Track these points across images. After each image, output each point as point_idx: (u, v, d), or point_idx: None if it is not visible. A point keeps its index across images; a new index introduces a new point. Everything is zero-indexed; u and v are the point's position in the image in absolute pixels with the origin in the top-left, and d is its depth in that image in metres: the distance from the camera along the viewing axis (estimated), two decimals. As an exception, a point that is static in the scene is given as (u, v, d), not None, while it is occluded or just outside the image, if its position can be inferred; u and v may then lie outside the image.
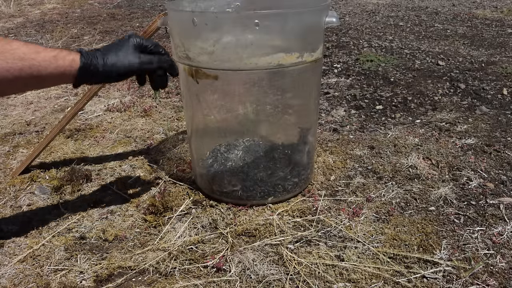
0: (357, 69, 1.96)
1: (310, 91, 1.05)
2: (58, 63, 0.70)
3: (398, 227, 0.96)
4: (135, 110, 1.58)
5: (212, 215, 1.01)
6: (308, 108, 1.08)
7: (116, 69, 0.77)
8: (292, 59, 0.93)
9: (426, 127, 1.42)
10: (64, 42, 2.42)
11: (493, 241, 0.91)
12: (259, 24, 0.86)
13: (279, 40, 0.93)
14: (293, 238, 0.93)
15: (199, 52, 0.93)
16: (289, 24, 0.92)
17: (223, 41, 0.91)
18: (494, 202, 1.03)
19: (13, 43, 0.67)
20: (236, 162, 1.08)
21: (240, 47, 0.90)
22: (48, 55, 0.69)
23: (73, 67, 0.72)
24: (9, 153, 1.31)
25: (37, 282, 0.83)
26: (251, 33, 0.88)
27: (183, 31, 0.95)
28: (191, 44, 0.94)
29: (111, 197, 1.10)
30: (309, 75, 1.00)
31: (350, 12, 3.11)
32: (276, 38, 0.93)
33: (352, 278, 0.82)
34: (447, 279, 0.82)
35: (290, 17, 0.91)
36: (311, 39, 0.96)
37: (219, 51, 0.91)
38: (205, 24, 0.89)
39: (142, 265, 0.87)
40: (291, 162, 1.08)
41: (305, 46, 0.94)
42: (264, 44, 0.91)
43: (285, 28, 0.92)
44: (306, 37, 0.95)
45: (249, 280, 0.83)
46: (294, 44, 0.93)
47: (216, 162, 1.09)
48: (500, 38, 2.44)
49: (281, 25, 0.91)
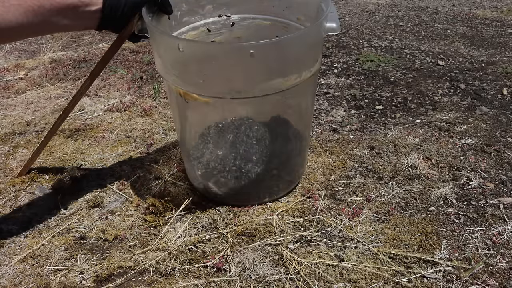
0: (357, 69, 1.96)
1: (306, 98, 1.02)
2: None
3: (398, 227, 0.96)
4: (135, 110, 1.58)
5: (212, 215, 1.01)
6: (303, 112, 1.05)
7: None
8: (291, 82, 0.87)
9: (426, 127, 1.42)
10: (64, 42, 2.42)
11: (493, 241, 0.91)
12: (254, 54, 0.79)
13: (277, 66, 0.86)
14: (293, 238, 0.93)
15: (189, 77, 0.87)
16: (287, 49, 0.85)
17: (215, 71, 0.84)
18: (494, 202, 1.03)
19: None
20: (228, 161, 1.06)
21: (235, 77, 0.85)
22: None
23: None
24: (9, 153, 1.31)
25: (37, 282, 0.83)
26: (245, 62, 0.83)
27: (169, 53, 0.87)
28: (179, 68, 0.87)
29: (111, 197, 1.10)
30: (306, 86, 0.96)
31: (350, 12, 3.11)
32: (273, 65, 0.86)
33: (352, 278, 0.82)
34: (447, 279, 0.82)
35: (288, 43, 0.84)
36: (310, 56, 0.91)
37: (209, 80, 0.84)
38: (193, 54, 0.84)
39: (142, 265, 0.87)
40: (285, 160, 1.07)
41: (304, 65, 0.88)
42: (260, 72, 0.86)
43: (283, 54, 0.85)
44: (305, 57, 0.90)
45: (249, 280, 0.83)
46: (292, 67, 0.87)
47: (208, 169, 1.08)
48: (500, 38, 2.44)
49: (279, 52, 0.85)
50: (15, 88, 1.78)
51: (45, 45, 2.30)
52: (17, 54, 2.27)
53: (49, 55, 2.15)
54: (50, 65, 2.00)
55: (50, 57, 2.12)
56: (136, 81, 1.82)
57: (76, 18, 0.71)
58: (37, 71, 1.93)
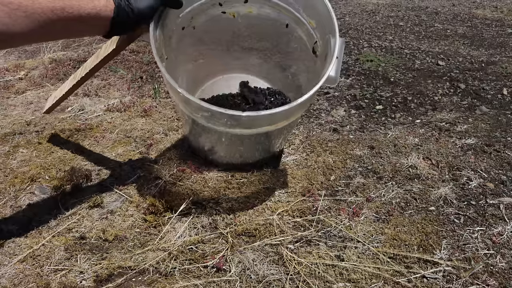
0: (357, 69, 1.96)
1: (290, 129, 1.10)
2: (94, 3, 0.69)
3: (398, 227, 0.96)
4: (135, 110, 1.58)
5: (212, 215, 1.01)
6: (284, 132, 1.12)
7: (146, 2, 0.77)
8: (278, 126, 0.97)
9: (426, 127, 1.42)
10: (64, 42, 2.42)
11: (493, 241, 0.91)
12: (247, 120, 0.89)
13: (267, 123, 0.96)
14: (293, 238, 0.93)
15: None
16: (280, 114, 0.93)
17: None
18: (494, 202, 1.03)
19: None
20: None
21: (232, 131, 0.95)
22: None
23: (108, 6, 0.71)
24: (9, 153, 1.31)
25: (37, 282, 0.83)
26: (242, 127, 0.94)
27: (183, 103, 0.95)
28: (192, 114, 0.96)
29: (111, 197, 1.10)
30: (293, 123, 1.05)
31: (350, 12, 3.11)
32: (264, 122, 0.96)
33: (352, 278, 0.82)
34: (447, 279, 0.82)
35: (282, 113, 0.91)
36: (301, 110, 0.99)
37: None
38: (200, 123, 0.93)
39: (142, 265, 0.87)
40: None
41: (293, 115, 0.98)
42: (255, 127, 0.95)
43: (275, 117, 0.94)
44: (296, 112, 0.97)
45: (249, 280, 0.83)
46: (282, 118, 0.96)
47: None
48: (500, 38, 2.44)
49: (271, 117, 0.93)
50: (15, 88, 1.78)
51: (45, 45, 2.30)
52: (17, 54, 2.27)
53: (49, 55, 2.15)
54: (50, 65, 2.00)
55: (50, 57, 2.12)
56: (136, 81, 1.82)
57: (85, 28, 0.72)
58: (37, 71, 1.93)
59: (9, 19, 0.58)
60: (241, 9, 1.06)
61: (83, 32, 0.75)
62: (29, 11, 0.60)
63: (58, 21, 0.64)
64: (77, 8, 0.66)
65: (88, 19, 0.69)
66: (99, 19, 0.71)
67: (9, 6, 0.57)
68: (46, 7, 0.62)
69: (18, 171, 1.20)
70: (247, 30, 1.09)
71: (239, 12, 1.07)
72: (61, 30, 0.68)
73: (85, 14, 0.68)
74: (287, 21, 1.06)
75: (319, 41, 1.03)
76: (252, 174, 1.16)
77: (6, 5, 0.57)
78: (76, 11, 0.66)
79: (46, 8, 0.62)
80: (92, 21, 0.70)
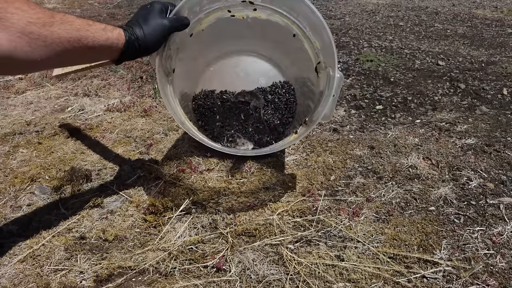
0: (357, 69, 1.96)
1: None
2: (108, 35, 0.74)
3: (398, 227, 0.96)
4: (135, 110, 1.58)
5: (212, 215, 1.01)
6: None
7: (153, 37, 0.83)
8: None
9: (426, 127, 1.42)
10: (64, 42, 2.42)
11: (493, 241, 0.91)
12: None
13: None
14: (293, 238, 0.93)
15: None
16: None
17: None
18: (494, 202, 1.03)
19: (68, 15, 0.69)
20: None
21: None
22: (98, 28, 0.72)
23: (119, 40, 0.76)
24: (9, 153, 1.31)
25: (37, 282, 0.83)
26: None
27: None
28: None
29: (111, 197, 1.10)
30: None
31: (350, 12, 3.11)
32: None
33: (352, 278, 0.82)
34: (447, 279, 0.82)
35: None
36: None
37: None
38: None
39: (142, 265, 0.87)
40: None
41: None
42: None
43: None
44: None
45: (249, 280, 0.83)
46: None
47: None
48: (500, 38, 2.44)
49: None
50: (15, 88, 1.78)
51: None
52: (17, 54, 2.27)
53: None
54: (50, 65, 2.00)
55: (50, 57, 2.12)
56: (136, 81, 1.82)
57: (97, 56, 0.78)
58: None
59: (29, 48, 0.61)
60: (250, 14, 1.08)
61: (95, 59, 0.81)
62: (48, 41, 0.63)
63: (73, 50, 0.68)
64: (92, 40, 0.70)
65: (101, 49, 0.74)
66: (111, 50, 0.76)
67: (29, 36, 0.61)
68: (63, 37, 0.65)
69: (18, 171, 1.20)
70: (257, 26, 1.10)
71: (248, 15, 1.08)
72: (75, 58, 0.72)
73: (98, 45, 0.72)
74: (294, 32, 1.07)
75: (323, 63, 1.04)
76: (252, 174, 1.16)
77: (27, 34, 0.60)
78: (91, 42, 0.70)
79: (64, 39, 0.66)
80: (104, 51, 0.75)
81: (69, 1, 3.96)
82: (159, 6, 0.87)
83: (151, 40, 0.83)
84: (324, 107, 0.97)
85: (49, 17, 0.64)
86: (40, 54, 0.63)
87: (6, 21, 0.59)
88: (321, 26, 0.97)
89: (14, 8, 0.60)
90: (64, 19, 0.67)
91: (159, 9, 0.87)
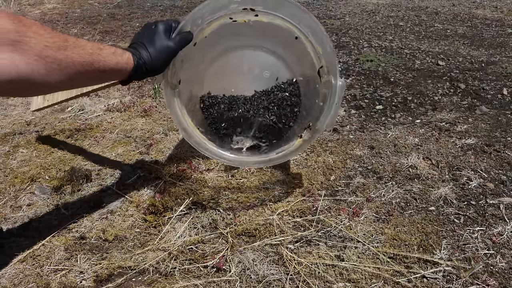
0: (357, 69, 1.96)
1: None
2: (118, 59, 0.77)
3: (398, 227, 0.96)
4: (135, 110, 1.58)
5: (212, 215, 1.01)
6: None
7: (160, 60, 0.86)
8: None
9: (426, 127, 1.42)
10: (64, 42, 2.42)
11: (493, 241, 0.91)
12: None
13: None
14: (293, 238, 0.93)
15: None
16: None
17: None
18: (494, 202, 1.03)
19: (80, 40, 0.72)
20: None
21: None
22: (109, 52, 0.76)
23: (128, 64, 0.80)
24: (9, 153, 1.31)
25: (37, 282, 0.83)
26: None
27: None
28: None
29: (111, 197, 1.10)
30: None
31: (350, 12, 3.11)
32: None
33: (352, 278, 0.82)
34: (447, 279, 0.82)
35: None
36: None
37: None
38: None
39: (142, 265, 0.87)
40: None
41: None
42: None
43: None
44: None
45: (249, 280, 0.83)
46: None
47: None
48: (500, 38, 2.44)
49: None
50: (15, 88, 1.78)
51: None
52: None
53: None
54: (50, 65, 1.99)
55: (50, 57, 2.12)
56: (136, 81, 1.82)
57: (106, 78, 0.82)
58: (37, 71, 1.93)
59: (45, 71, 0.65)
60: (252, 18, 1.09)
61: (104, 81, 0.85)
62: (63, 65, 0.67)
63: (85, 73, 0.72)
64: (103, 64, 0.74)
65: (111, 72, 0.77)
66: (120, 74, 0.80)
67: (46, 59, 0.64)
68: (77, 61, 0.69)
69: (18, 171, 1.20)
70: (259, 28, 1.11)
71: (250, 19, 1.09)
72: (86, 80, 0.76)
73: (108, 68, 0.76)
74: (296, 35, 1.08)
75: (325, 67, 1.04)
76: (252, 174, 1.16)
77: (43, 58, 0.64)
78: (102, 66, 0.74)
79: (77, 63, 0.69)
80: (113, 74, 0.79)
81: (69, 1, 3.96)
82: (163, 26, 0.89)
83: (158, 63, 0.86)
84: (327, 116, 0.98)
85: (63, 41, 0.67)
86: (55, 77, 0.67)
87: (24, 45, 0.61)
88: (322, 34, 0.98)
89: (32, 32, 0.62)
90: (76, 43, 0.70)
91: (164, 30, 0.89)
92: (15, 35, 0.60)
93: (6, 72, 0.60)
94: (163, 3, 3.76)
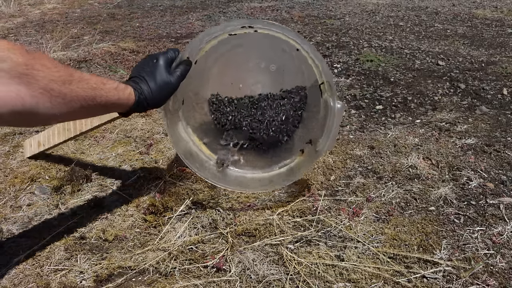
0: (357, 69, 1.96)
1: None
2: (119, 94, 0.79)
3: (398, 227, 0.96)
4: (135, 110, 1.58)
5: (212, 215, 1.01)
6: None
7: (160, 95, 0.88)
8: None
9: (426, 127, 1.42)
10: (64, 42, 2.42)
11: (493, 241, 0.91)
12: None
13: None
14: (293, 238, 0.93)
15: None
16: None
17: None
18: (494, 202, 1.03)
19: (84, 74, 0.74)
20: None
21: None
22: (111, 87, 0.77)
23: (130, 100, 0.82)
24: (9, 153, 1.31)
25: (37, 282, 0.83)
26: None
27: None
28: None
29: (111, 197, 1.10)
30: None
31: (350, 12, 3.11)
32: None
33: (352, 278, 0.82)
34: (447, 279, 0.82)
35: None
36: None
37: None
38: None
39: (142, 265, 0.87)
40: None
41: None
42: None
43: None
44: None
45: (249, 280, 0.83)
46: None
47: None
48: (500, 38, 2.44)
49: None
50: (15, 88, 1.78)
51: (45, 45, 2.30)
52: (17, 54, 2.27)
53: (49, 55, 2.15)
54: (50, 65, 2.00)
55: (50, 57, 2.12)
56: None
57: (107, 111, 0.83)
58: (37, 71, 1.93)
59: (49, 104, 0.66)
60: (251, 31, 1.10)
61: (105, 113, 0.87)
62: (67, 99, 0.69)
63: (88, 107, 0.74)
64: (105, 99, 0.76)
65: (112, 107, 0.79)
66: (121, 108, 0.82)
67: (51, 92, 0.66)
68: (80, 96, 0.71)
69: (18, 171, 1.20)
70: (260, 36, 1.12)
71: (250, 31, 1.10)
72: (88, 113, 0.78)
73: (110, 103, 0.77)
74: (298, 47, 1.08)
75: (326, 83, 1.04)
76: (252, 174, 1.16)
77: (49, 91, 0.65)
78: (104, 101, 0.76)
79: (81, 97, 0.71)
80: (115, 108, 0.81)
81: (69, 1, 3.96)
82: (164, 60, 0.90)
83: (159, 98, 0.87)
84: (327, 139, 0.98)
85: (69, 75, 0.69)
86: (59, 110, 0.68)
87: (31, 78, 0.63)
88: (320, 56, 1.01)
89: (40, 65, 0.64)
90: (81, 77, 0.72)
91: (165, 64, 0.89)
92: (23, 68, 0.62)
93: (12, 104, 0.61)
94: (163, 3, 3.76)
